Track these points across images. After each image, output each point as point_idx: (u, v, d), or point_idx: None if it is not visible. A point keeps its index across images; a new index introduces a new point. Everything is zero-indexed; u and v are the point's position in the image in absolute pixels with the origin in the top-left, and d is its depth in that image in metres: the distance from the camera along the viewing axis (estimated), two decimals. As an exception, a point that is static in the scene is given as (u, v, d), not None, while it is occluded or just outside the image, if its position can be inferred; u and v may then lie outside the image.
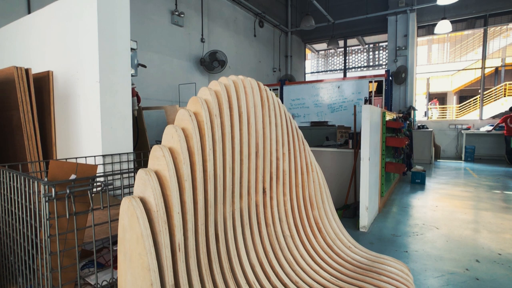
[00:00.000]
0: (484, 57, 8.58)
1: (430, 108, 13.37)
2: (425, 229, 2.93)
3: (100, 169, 1.71)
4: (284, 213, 1.23)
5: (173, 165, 0.79)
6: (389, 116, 3.74)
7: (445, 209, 3.60)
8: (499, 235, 2.77)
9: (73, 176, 0.93)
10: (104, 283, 0.99)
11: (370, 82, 5.20)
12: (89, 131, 1.80)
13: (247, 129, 1.05)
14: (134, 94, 2.08)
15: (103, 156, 1.72)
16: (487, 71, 9.30)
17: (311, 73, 12.75)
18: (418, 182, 5.08)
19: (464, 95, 14.35)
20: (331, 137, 4.48)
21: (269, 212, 1.16)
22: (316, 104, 5.46)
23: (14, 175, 1.09)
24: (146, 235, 0.71)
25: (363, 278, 1.15)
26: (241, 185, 1.04)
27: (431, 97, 14.13)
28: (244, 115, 1.04)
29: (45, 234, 0.85)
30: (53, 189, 0.83)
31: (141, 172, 0.77)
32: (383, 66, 10.86)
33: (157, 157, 0.80)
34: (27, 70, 1.88)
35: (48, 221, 0.85)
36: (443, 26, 6.91)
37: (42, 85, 2.03)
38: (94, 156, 1.68)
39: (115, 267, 1.10)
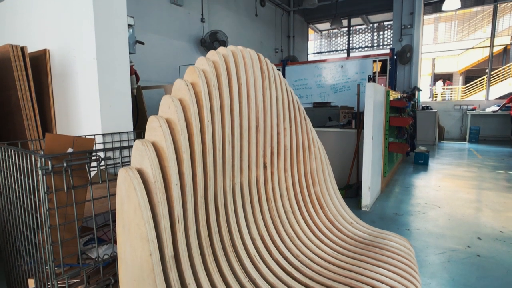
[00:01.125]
0: (493, 35, 8.33)
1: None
2: (428, 208, 2.93)
3: (100, 148, 1.70)
4: (285, 189, 1.22)
5: (170, 136, 0.77)
6: (393, 96, 3.68)
7: (448, 188, 3.59)
8: (501, 214, 2.76)
9: (70, 150, 0.92)
10: (105, 256, 1.00)
11: (374, 61, 5.08)
12: (88, 110, 1.78)
13: (247, 102, 1.03)
14: (133, 72, 2.04)
15: (103, 135, 1.70)
16: (495, 49, 9.05)
17: (314, 53, 12.51)
18: (421, 163, 5.05)
19: (470, 76, 14.07)
20: (333, 117, 4.42)
21: (270, 188, 1.15)
22: (319, 84, 5.37)
23: (13, 151, 1.08)
24: (144, 205, 0.70)
25: (365, 253, 1.15)
26: (241, 159, 1.02)
27: (436, 77, 13.86)
28: (243, 87, 1.00)
29: (44, 208, 0.84)
30: (49, 162, 0.82)
31: (137, 143, 0.75)
32: (388, 47, 10.62)
33: (154, 127, 0.78)
34: (22, 48, 1.84)
35: (46, 195, 0.84)
36: (451, 2, 6.67)
37: (39, 63, 1.99)
38: (94, 135, 1.66)
39: (116, 242, 1.11)
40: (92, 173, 1.16)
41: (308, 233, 1.20)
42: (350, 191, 3.24)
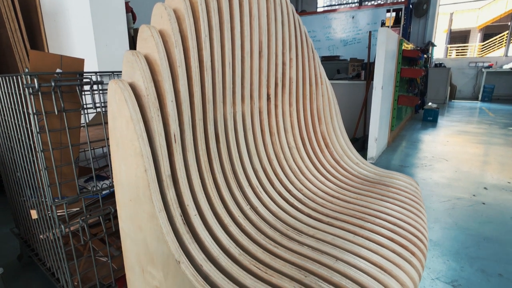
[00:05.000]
0: (518, -15, 7.67)
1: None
2: (434, 161, 2.89)
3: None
4: (290, 124, 1.16)
5: (163, 47, 0.70)
6: (406, 46, 3.47)
7: (456, 143, 3.52)
8: (510, 167, 2.71)
9: (58, 71, 0.85)
10: (104, 185, 0.98)
11: (388, 11, 4.75)
12: (84, 50, 1.69)
13: (249, 22, 0.93)
14: (129, 9, 1.90)
15: (100, 75, 1.63)
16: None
17: (323, 7, 11.79)
18: (430, 120, 4.93)
19: (489, 33, 13.26)
20: (342, 71, 4.24)
21: (273, 121, 1.09)
22: (328, 37, 5.09)
23: (1, 78, 1.02)
24: (137, 119, 0.65)
25: (370, 189, 1.12)
26: (242, 86, 0.95)
27: (452, 35, 13.10)
28: (245, 4, 0.90)
29: (35, 130, 0.80)
30: (35, 80, 0.76)
31: (127, 54, 0.68)
32: (403, -2, 9.90)
33: (145, 38, 0.71)
34: (8, -19, 1.71)
35: (36, 117, 0.79)
36: None
37: (28, 2, 1.86)
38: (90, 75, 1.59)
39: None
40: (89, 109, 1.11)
41: (312, 170, 1.16)
42: (357, 144, 3.19)
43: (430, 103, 5.26)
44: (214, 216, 0.77)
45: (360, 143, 3.18)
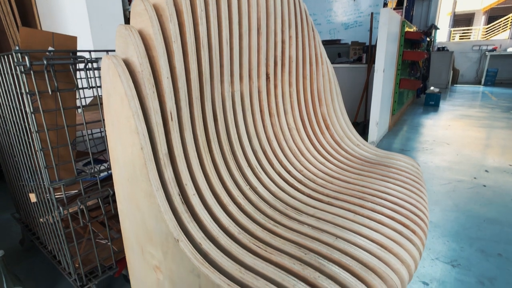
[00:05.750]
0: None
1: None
2: (435, 145, 2.88)
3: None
4: (290, 105, 1.14)
5: (157, 22, 0.67)
6: (408, 28, 3.39)
7: (458, 127, 3.50)
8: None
9: (51, 49, 0.83)
10: (102, 167, 0.97)
11: (391, -8, 4.63)
12: (79, 33, 1.65)
13: (247, -3, 0.90)
14: (124, -10, 1.85)
15: (95, 54, 1.60)
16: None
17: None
18: (432, 104, 4.89)
19: (494, 15, 12.98)
20: (343, 55, 4.17)
21: (273, 101, 1.07)
22: (328, 20, 4.99)
23: (-7, 59, 1.00)
24: (131, 95, 0.63)
25: (371, 170, 1.11)
26: (240, 64, 0.93)
27: (456, 18, 12.83)
28: (242, -22, 0.87)
29: (29, 110, 0.78)
30: (26, 58, 0.73)
31: (120, 28, 0.66)
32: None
33: (138, 12, 0.68)
34: (-1, -40, 1.65)
35: (29, 96, 0.77)
36: None
37: (20, -19, 1.81)
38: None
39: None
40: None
41: (312, 151, 1.15)
42: (357, 128, 3.17)
43: (432, 88, 5.20)
44: (213, 196, 0.76)
45: (361, 127, 3.16)
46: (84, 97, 0.99)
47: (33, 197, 1.08)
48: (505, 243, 1.40)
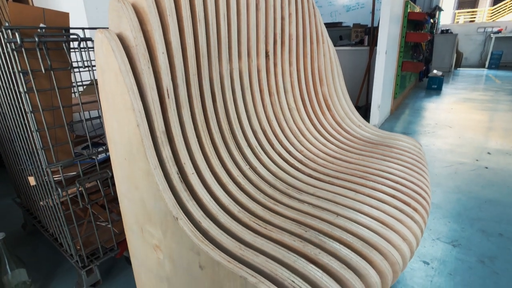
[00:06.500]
0: None
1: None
2: (438, 128, 2.85)
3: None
4: (290, 84, 1.12)
5: (150, -7, 0.64)
6: (412, 9, 3.31)
7: (460, 111, 3.46)
8: (515, 132, 2.67)
9: (42, 26, 0.80)
10: (100, 149, 0.96)
11: (394, -28, 4.48)
12: (72, 15, 1.60)
13: (245, -31, 0.86)
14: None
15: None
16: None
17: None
18: (434, 88, 4.83)
19: (500, -4, 12.62)
20: (345, 37, 4.09)
21: (272, 80, 1.04)
22: (330, 2, 4.87)
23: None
24: (126, 71, 0.61)
25: (373, 150, 1.09)
26: (239, 41, 0.90)
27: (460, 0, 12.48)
28: (240, -51, 0.83)
29: (22, 90, 0.76)
30: (17, 35, 0.71)
31: (113, 1, 0.63)
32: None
33: (131, -16, 0.65)
34: None
35: (21, 75, 0.75)
36: None
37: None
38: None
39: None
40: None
41: (313, 132, 1.13)
42: (359, 112, 3.14)
43: (435, 71, 5.12)
44: (212, 175, 0.75)
45: (362, 111, 3.13)
46: (80, 77, 0.97)
47: (32, 180, 1.08)
48: (506, 223, 1.39)
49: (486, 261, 1.17)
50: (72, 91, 1.36)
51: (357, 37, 3.97)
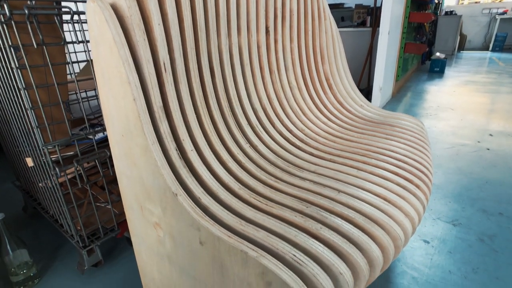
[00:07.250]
0: None
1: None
2: (440, 110, 2.82)
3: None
4: (291, 62, 1.09)
5: (144, -40, 0.61)
6: (416, -12, 3.22)
7: (463, 93, 3.42)
8: (517, 114, 2.65)
9: (32, -1, 0.77)
10: (98, 129, 0.94)
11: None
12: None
13: None
14: None
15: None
16: None
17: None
18: (437, 70, 4.76)
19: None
20: (347, 19, 4.00)
21: (273, 57, 1.01)
22: (331, -18, 4.72)
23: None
24: (120, 42, 0.58)
25: (375, 129, 1.08)
26: (238, 15, 0.87)
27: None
28: None
29: (14, 65, 0.74)
30: (5, 6, 0.68)
31: (103, -32, 0.60)
32: None
33: (123, -51, 0.61)
34: None
35: (13, 51, 0.73)
36: None
37: None
38: (71, 7, 1.48)
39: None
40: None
41: (314, 111, 1.11)
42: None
43: (437, 54, 5.03)
44: (212, 153, 0.74)
45: (364, 93, 3.09)
46: (76, 56, 0.94)
47: (29, 162, 1.07)
48: (507, 203, 1.39)
49: (486, 240, 1.17)
50: (68, 71, 1.33)
51: (359, 18, 3.88)
